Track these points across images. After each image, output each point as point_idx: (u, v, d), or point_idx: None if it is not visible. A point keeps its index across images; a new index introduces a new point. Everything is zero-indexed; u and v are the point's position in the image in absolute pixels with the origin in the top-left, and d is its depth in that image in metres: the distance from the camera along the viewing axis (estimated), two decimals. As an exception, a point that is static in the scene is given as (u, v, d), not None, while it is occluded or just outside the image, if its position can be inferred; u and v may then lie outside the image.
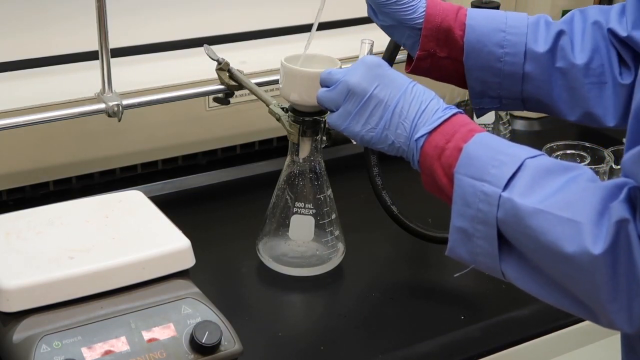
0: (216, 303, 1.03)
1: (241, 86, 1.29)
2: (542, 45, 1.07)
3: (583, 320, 1.18)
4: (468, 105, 1.15)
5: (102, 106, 1.25)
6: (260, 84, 1.30)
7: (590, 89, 1.07)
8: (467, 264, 0.92)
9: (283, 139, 1.50)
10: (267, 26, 1.59)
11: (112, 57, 1.26)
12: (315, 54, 1.16)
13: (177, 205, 1.41)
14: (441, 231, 1.28)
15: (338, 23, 1.64)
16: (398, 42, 1.14)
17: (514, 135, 1.59)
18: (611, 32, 1.06)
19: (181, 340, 0.98)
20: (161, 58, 1.49)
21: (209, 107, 1.45)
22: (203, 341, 0.97)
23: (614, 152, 1.44)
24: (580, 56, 1.06)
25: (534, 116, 1.75)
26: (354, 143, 1.03)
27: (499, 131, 1.48)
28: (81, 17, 1.34)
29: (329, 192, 1.25)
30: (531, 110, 1.12)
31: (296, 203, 1.23)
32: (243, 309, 1.19)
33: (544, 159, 0.87)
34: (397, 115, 0.96)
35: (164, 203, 1.16)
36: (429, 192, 0.96)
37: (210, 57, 1.29)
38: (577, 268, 0.79)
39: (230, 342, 0.99)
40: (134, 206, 1.13)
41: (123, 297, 1.00)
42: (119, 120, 1.26)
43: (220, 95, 1.34)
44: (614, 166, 1.42)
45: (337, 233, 1.26)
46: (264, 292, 1.24)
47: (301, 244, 1.25)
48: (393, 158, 1.01)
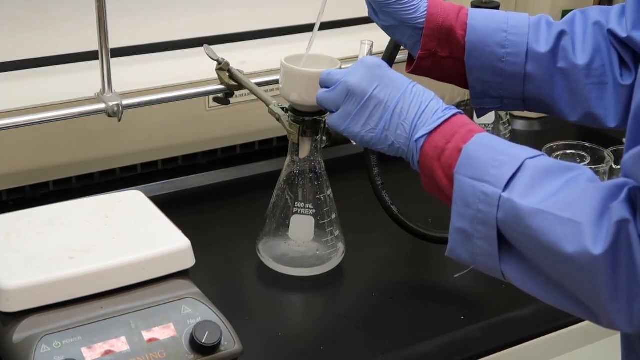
0: (216, 303, 1.03)
1: (241, 86, 1.29)
2: (544, 45, 1.07)
3: (583, 320, 1.18)
4: (468, 105, 1.15)
5: (102, 106, 1.25)
6: (260, 84, 1.30)
7: (591, 90, 1.07)
8: (467, 265, 0.92)
9: (283, 139, 1.50)
10: (267, 26, 1.59)
11: (112, 57, 1.26)
12: (315, 54, 1.16)
13: (177, 205, 1.41)
14: (441, 231, 1.28)
15: (338, 23, 1.64)
16: (399, 42, 1.14)
17: (514, 135, 1.59)
18: (611, 33, 1.06)
19: (181, 340, 0.98)
20: (161, 58, 1.49)
21: (209, 107, 1.45)
22: (203, 341, 0.97)
23: (614, 152, 1.44)
24: (581, 57, 1.06)
25: (534, 116, 1.75)
26: (354, 143, 1.03)
27: (499, 131, 1.48)
28: (81, 17, 1.34)
29: (329, 192, 1.25)
30: (532, 110, 1.12)
31: (296, 203, 1.23)
32: (243, 309, 1.19)
33: (544, 159, 0.87)
34: (397, 115, 0.96)
35: (164, 203, 1.16)
36: (429, 193, 0.96)
37: (210, 57, 1.29)
38: (577, 268, 0.79)
39: (230, 342, 0.99)
40: (134, 206, 1.13)
41: (123, 297, 1.00)
42: (119, 120, 1.26)
43: (220, 95, 1.34)
44: (614, 166, 1.42)
45: (337, 233, 1.26)
46: (264, 292, 1.24)
47: (301, 244, 1.25)
48: (393, 158, 1.01)
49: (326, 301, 1.25)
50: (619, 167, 0.98)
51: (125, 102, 1.26)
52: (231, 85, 1.30)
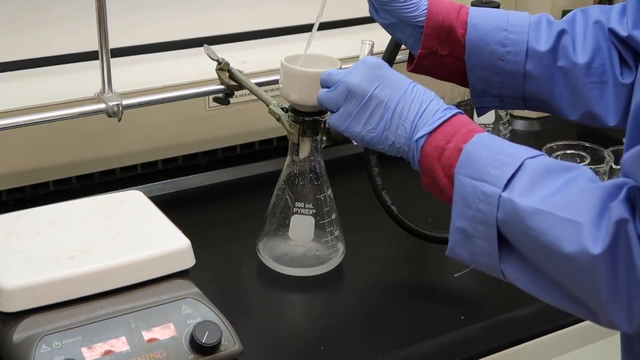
0: (216, 303, 1.03)
1: (241, 86, 1.29)
2: (544, 44, 1.07)
3: (583, 320, 1.18)
4: (468, 105, 1.15)
5: (102, 106, 1.25)
6: (260, 84, 1.30)
7: (591, 89, 1.07)
8: (467, 264, 0.92)
9: (283, 139, 1.50)
10: (267, 26, 1.59)
11: (112, 57, 1.26)
12: (315, 54, 1.16)
13: (177, 205, 1.41)
14: (441, 231, 1.28)
15: (338, 23, 1.64)
16: (399, 41, 1.14)
17: (514, 135, 1.59)
18: (612, 32, 1.06)
19: (181, 340, 0.98)
20: (161, 58, 1.49)
21: (209, 107, 1.45)
22: (203, 341, 0.97)
23: (614, 152, 1.44)
24: (581, 55, 1.06)
25: (534, 116, 1.75)
26: (355, 143, 1.03)
27: (499, 131, 1.48)
28: (81, 17, 1.34)
29: (329, 192, 1.25)
30: (532, 109, 1.13)
31: (296, 203, 1.23)
32: (243, 309, 1.19)
33: (544, 159, 0.87)
34: (398, 115, 0.96)
35: (164, 203, 1.16)
36: (429, 193, 0.96)
37: (210, 57, 1.29)
38: (577, 268, 0.79)
39: (230, 342, 0.99)
40: (134, 206, 1.13)
41: (123, 297, 1.00)
42: (119, 120, 1.26)
43: (220, 95, 1.34)
44: (614, 166, 1.42)
45: (337, 233, 1.26)
46: (264, 292, 1.24)
47: (301, 244, 1.25)
48: (393, 158, 1.01)
49: (326, 301, 1.25)
50: (619, 167, 0.98)
51: (125, 102, 1.26)
52: (231, 85, 1.30)
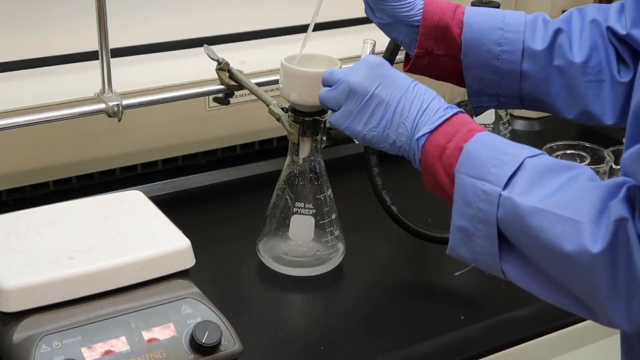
0: (216, 303, 1.03)
1: (241, 86, 1.29)
2: (540, 43, 1.07)
3: (583, 320, 1.18)
4: (468, 105, 1.15)
5: (102, 106, 1.25)
6: (260, 84, 1.30)
7: (588, 87, 1.07)
8: (468, 263, 0.92)
9: (283, 139, 1.50)
10: (267, 26, 1.59)
11: (112, 57, 1.26)
12: (315, 54, 1.16)
13: (177, 205, 1.41)
14: (441, 231, 1.28)
15: (338, 23, 1.64)
16: (395, 40, 1.14)
17: (514, 135, 1.59)
18: (610, 30, 1.06)
19: (181, 340, 0.98)
20: (161, 58, 1.49)
21: (209, 107, 1.45)
22: (203, 341, 0.97)
23: (614, 152, 1.44)
24: (578, 54, 1.06)
25: (534, 116, 1.75)
26: (356, 142, 1.03)
27: (499, 131, 1.48)
28: (81, 17, 1.34)
29: (329, 192, 1.24)
30: (529, 108, 1.12)
31: (296, 203, 1.23)
32: (243, 309, 1.19)
33: (544, 158, 0.87)
34: (399, 114, 0.96)
35: (164, 203, 1.16)
36: (430, 192, 0.96)
37: (210, 57, 1.29)
38: (577, 267, 0.79)
39: (230, 342, 0.99)
40: (134, 206, 1.13)
41: (123, 297, 1.00)
42: (119, 120, 1.26)
43: (220, 95, 1.34)
44: (614, 166, 1.42)
45: (337, 233, 1.26)
46: (264, 292, 1.24)
47: (301, 244, 1.25)
48: (393, 158, 1.01)
49: (326, 301, 1.25)
50: (619, 167, 0.98)
51: (125, 102, 1.26)
52: (231, 85, 1.30)
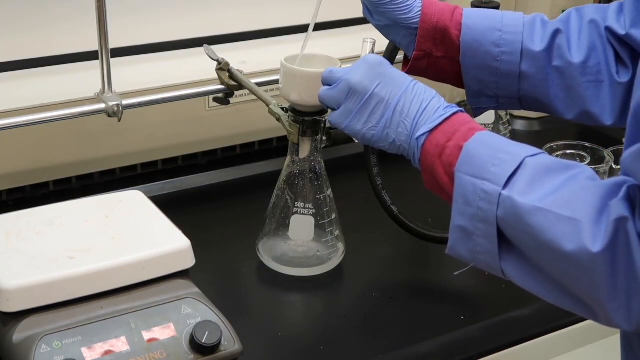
0: (216, 303, 1.03)
1: (241, 86, 1.29)
2: (539, 44, 1.07)
3: (583, 320, 1.18)
4: (468, 105, 1.15)
5: (102, 106, 1.25)
6: (260, 84, 1.30)
7: (587, 88, 1.07)
8: (468, 263, 0.92)
9: (283, 139, 1.50)
10: (267, 26, 1.59)
11: (112, 57, 1.26)
12: (314, 54, 1.16)
13: (177, 205, 1.41)
14: (441, 231, 1.28)
15: (338, 23, 1.64)
16: (394, 42, 1.14)
17: (514, 135, 1.59)
18: (609, 31, 1.06)
19: (181, 340, 0.98)
20: (161, 58, 1.49)
21: (209, 107, 1.45)
22: (203, 341, 0.97)
23: (614, 152, 1.44)
24: (577, 55, 1.06)
25: (534, 116, 1.75)
26: (355, 142, 1.03)
27: (499, 131, 1.48)
28: (81, 17, 1.34)
29: (329, 192, 1.24)
30: (528, 109, 1.12)
31: (296, 203, 1.23)
32: (243, 309, 1.19)
33: (544, 158, 0.87)
34: (398, 113, 0.96)
35: (164, 203, 1.16)
36: (430, 191, 0.96)
37: (210, 57, 1.29)
38: (576, 266, 0.79)
39: (230, 342, 0.99)
40: (134, 206, 1.13)
41: (123, 297, 1.00)
42: (119, 120, 1.26)
43: (220, 95, 1.34)
44: (614, 166, 1.42)
45: (337, 233, 1.26)
46: (264, 292, 1.24)
47: (301, 244, 1.25)
48: (393, 158, 1.01)
49: (326, 301, 1.25)
50: (619, 167, 0.98)
51: (125, 102, 1.26)
52: (231, 85, 1.30)
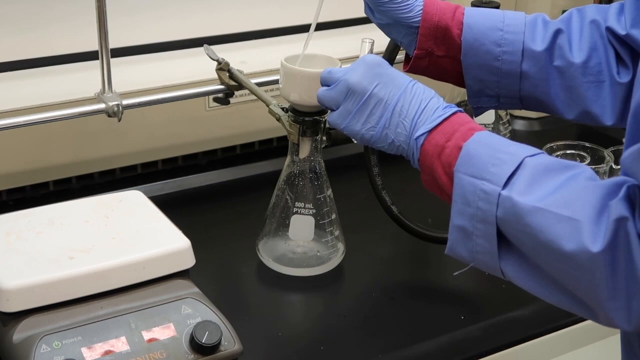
0: (216, 303, 1.03)
1: (241, 86, 1.29)
2: (540, 43, 1.07)
3: (583, 320, 1.18)
4: (468, 105, 1.15)
5: (102, 106, 1.25)
6: (260, 84, 1.30)
7: (588, 88, 1.07)
8: (467, 263, 0.92)
9: (283, 139, 1.50)
10: (267, 26, 1.59)
11: (112, 57, 1.26)
12: (314, 54, 1.16)
13: (177, 205, 1.41)
14: (441, 231, 1.28)
15: (338, 23, 1.64)
16: (395, 41, 1.14)
17: (514, 135, 1.59)
18: (609, 31, 1.06)
19: (181, 340, 0.98)
20: (161, 58, 1.49)
21: (209, 107, 1.45)
22: (203, 341, 0.97)
23: (614, 152, 1.44)
24: (578, 55, 1.06)
25: (534, 116, 1.75)
26: (355, 142, 1.03)
27: (499, 131, 1.49)
28: (81, 17, 1.35)
29: (329, 192, 1.25)
30: (529, 109, 1.12)
31: (296, 203, 1.23)
32: (243, 309, 1.19)
33: (544, 157, 0.87)
34: (397, 114, 0.96)
35: (164, 203, 1.16)
36: (429, 192, 0.96)
37: (210, 57, 1.29)
38: (576, 266, 0.79)
39: (230, 342, 0.99)
40: (134, 206, 1.13)
41: (123, 297, 1.00)
42: (119, 120, 1.26)
43: (220, 95, 1.34)
44: (614, 166, 1.42)
45: (337, 233, 1.26)
46: (264, 292, 1.24)
47: (301, 244, 1.25)
48: (393, 158, 1.01)
49: (326, 301, 1.25)
50: (619, 167, 0.98)
51: (125, 102, 1.26)
52: (231, 85, 1.30)
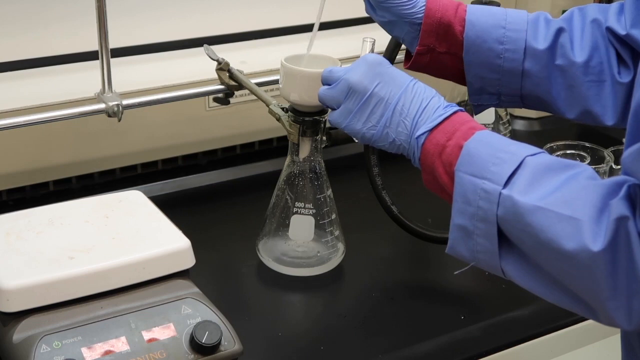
0: (216, 303, 1.03)
1: (241, 86, 1.29)
2: (542, 42, 1.07)
3: (583, 320, 1.18)
4: (468, 105, 1.15)
5: (102, 106, 1.25)
6: (260, 84, 1.30)
7: (589, 87, 1.07)
8: (467, 262, 0.92)
9: (283, 139, 1.50)
10: (267, 26, 1.59)
11: (112, 57, 1.26)
12: (315, 54, 1.16)
13: (177, 205, 1.41)
14: (441, 231, 1.28)
15: (338, 23, 1.64)
16: (397, 38, 1.14)
17: (514, 135, 1.59)
18: (610, 31, 1.06)
19: (181, 340, 0.98)
20: (161, 58, 1.49)
21: (209, 107, 1.45)
22: (203, 341, 0.97)
23: (614, 152, 1.44)
24: (579, 54, 1.06)
25: (534, 116, 1.75)
26: (355, 142, 1.03)
27: (499, 131, 1.48)
28: (81, 17, 1.34)
29: (329, 192, 1.24)
30: (530, 107, 1.13)
31: (296, 203, 1.23)
32: (243, 309, 1.19)
33: (544, 157, 0.87)
34: (398, 113, 0.96)
35: (164, 203, 1.16)
36: (429, 191, 0.96)
37: (210, 57, 1.29)
38: (577, 265, 0.79)
39: (230, 342, 0.99)
40: (134, 206, 1.13)
41: (123, 297, 1.00)
42: (119, 120, 1.26)
43: (220, 95, 1.34)
44: (614, 166, 1.42)
45: (337, 233, 1.26)
46: (264, 292, 1.24)
47: (301, 244, 1.25)
48: (393, 158, 1.01)
49: (326, 301, 1.25)
50: (619, 167, 0.98)
51: (125, 102, 1.26)
52: (231, 85, 1.30)
